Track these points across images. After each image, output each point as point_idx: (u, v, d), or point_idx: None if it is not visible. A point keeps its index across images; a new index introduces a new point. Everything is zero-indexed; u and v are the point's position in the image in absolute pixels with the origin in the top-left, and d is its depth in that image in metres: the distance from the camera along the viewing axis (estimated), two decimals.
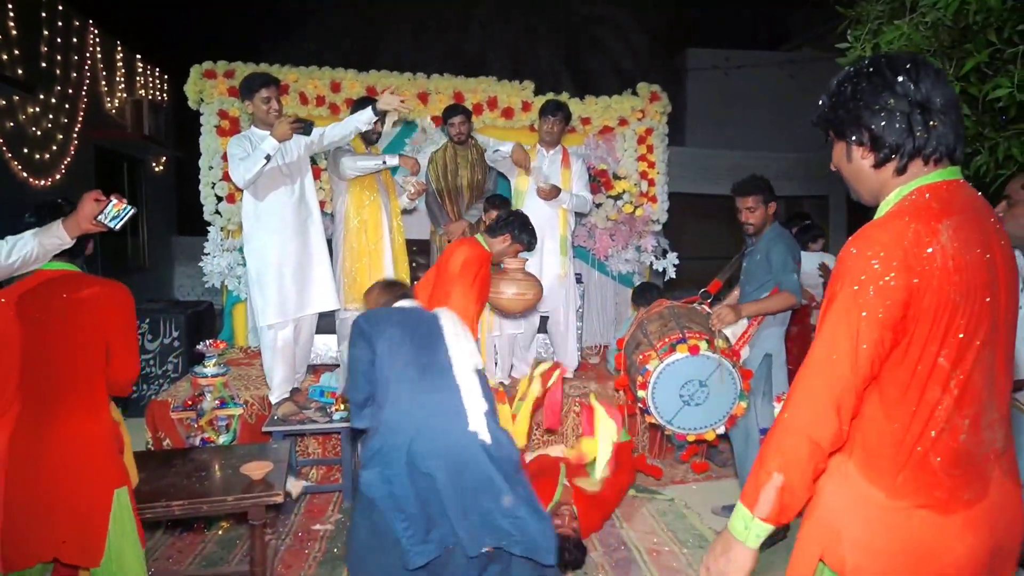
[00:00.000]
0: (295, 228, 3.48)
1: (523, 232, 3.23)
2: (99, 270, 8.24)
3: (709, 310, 3.31)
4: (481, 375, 2.22)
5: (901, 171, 1.19)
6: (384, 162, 3.79)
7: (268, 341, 3.54)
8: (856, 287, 1.10)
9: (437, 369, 2.16)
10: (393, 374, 2.11)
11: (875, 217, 1.22)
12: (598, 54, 11.15)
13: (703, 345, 2.87)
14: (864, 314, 1.09)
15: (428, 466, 1.99)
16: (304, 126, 3.36)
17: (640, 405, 2.99)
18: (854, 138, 1.22)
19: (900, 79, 1.15)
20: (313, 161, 4.77)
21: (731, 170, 11.35)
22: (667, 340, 2.94)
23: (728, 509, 3.39)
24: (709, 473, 3.90)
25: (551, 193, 4.00)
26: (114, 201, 1.95)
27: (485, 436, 2.06)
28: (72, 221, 1.92)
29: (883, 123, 1.17)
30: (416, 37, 10.03)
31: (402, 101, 3.55)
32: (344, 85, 5.10)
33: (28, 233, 1.94)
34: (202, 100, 4.96)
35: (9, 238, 1.93)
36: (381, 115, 3.71)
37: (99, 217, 1.93)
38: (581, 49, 11.02)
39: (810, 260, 4.38)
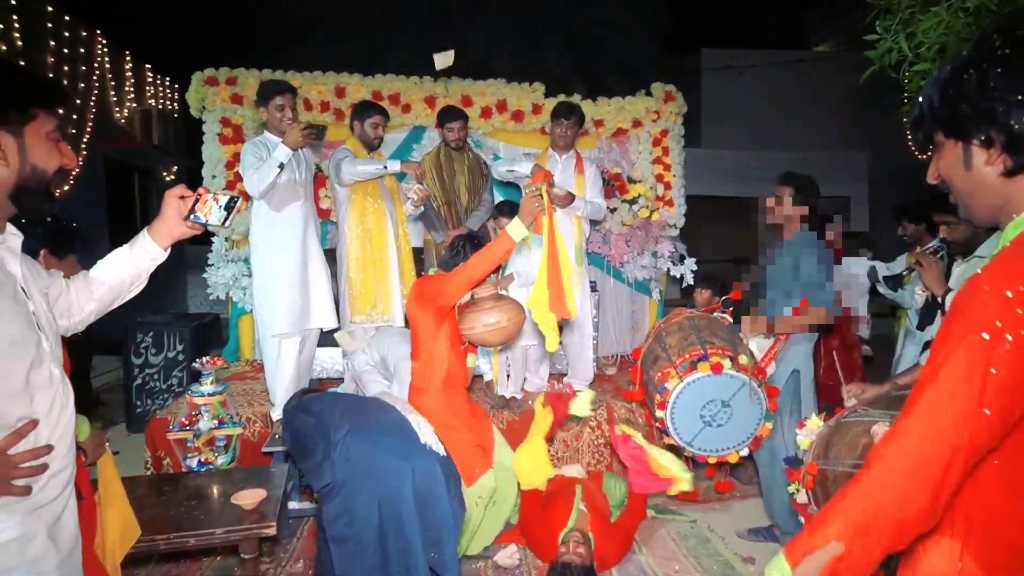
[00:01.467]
0: (303, 241, 3.49)
1: None
2: None
3: (731, 320, 3.11)
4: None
5: None
6: (385, 167, 3.64)
7: (272, 353, 3.50)
8: (987, 335, 0.87)
9: (378, 405, 2.54)
10: (338, 421, 2.32)
11: (1003, 241, 0.97)
12: (609, 56, 10.97)
13: (727, 363, 2.67)
14: (994, 371, 0.86)
15: (391, 490, 2.20)
16: (316, 132, 3.32)
17: (658, 425, 2.80)
18: (981, 139, 0.98)
19: None
20: (318, 168, 4.66)
21: (745, 171, 11.16)
22: (687, 356, 2.74)
23: (755, 533, 3.19)
24: (734, 491, 3.70)
25: (566, 200, 3.81)
26: (203, 194, 1.53)
27: (438, 448, 2.37)
28: (161, 227, 1.54)
29: None
30: (423, 41, 9.90)
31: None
32: (349, 90, 4.96)
33: (113, 254, 1.57)
34: (204, 108, 4.85)
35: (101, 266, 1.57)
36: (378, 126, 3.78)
37: (193, 216, 1.52)
38: (592, 51, 10.85)
39: (859, 265, 4.16)
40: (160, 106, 9.66)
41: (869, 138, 11.54)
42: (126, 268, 1.54)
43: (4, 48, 6.29)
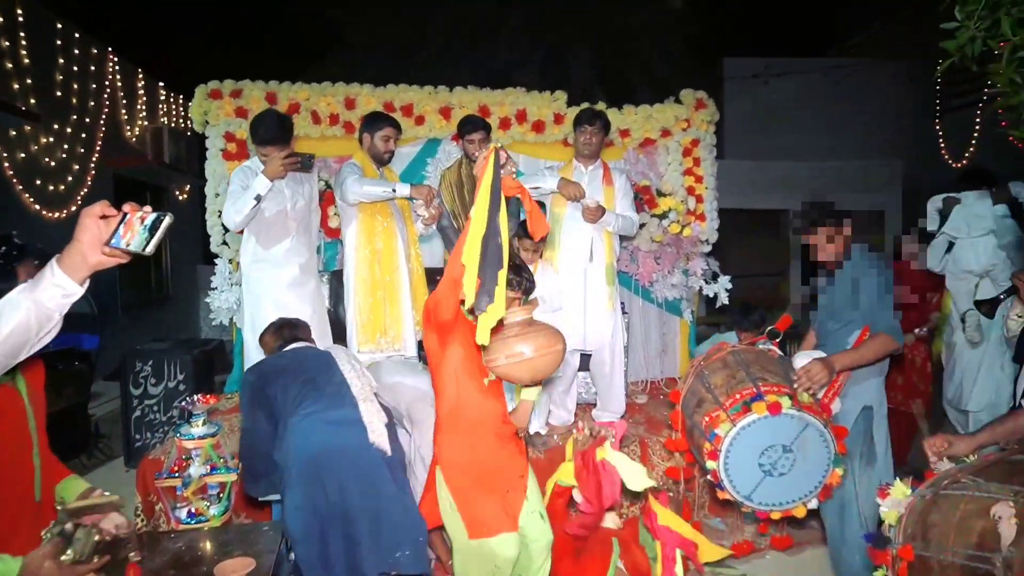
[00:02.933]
0: (294, 276, 3.36)
1: (512, 272, 2.26)
2: (119, 302, 7.99)
3: (780, 352, 2.73)
4: (378, 397, 2.52)
5: None
6: (394, 190, 3.34)
7: None
8: None
9: (333, 391, 2.44)
10: (291, 408, 2.37)
11: None
12: (631, 66, 10.68)
13: (785, 402, 2.29)
14: None
15: (336, 484, 2.25)
16: (302, 161, 3.15)
17: (710, 478, 2.42)
18: None
19: None
20: (327, 185, 4.37)
21: (775, 182, 10.77)
22: (738, 397, 2.37)
23: None
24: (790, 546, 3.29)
25: (597, 213, 3.46)
26: (129, 214, 1.24)
27: (385, 447, 2.34)
28: (75, 256, 1.23)
29: None
30: (442, 52, 9.69)
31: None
32: (359, 101, 4.68)
33: (14, 292, 1.27)
34: (207, 122, 4.60)
35: None
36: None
37: (114, 242, 1.23)
38: (613, 61, 10.56)
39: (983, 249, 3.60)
40: (172, 123, 9.52)
41: (901, 146, 11.11)
42: (30, 311, 1.21)
43: (12, 65, 6.13)
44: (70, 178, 7.01)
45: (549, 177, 3.55)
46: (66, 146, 6.96)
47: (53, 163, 6.73)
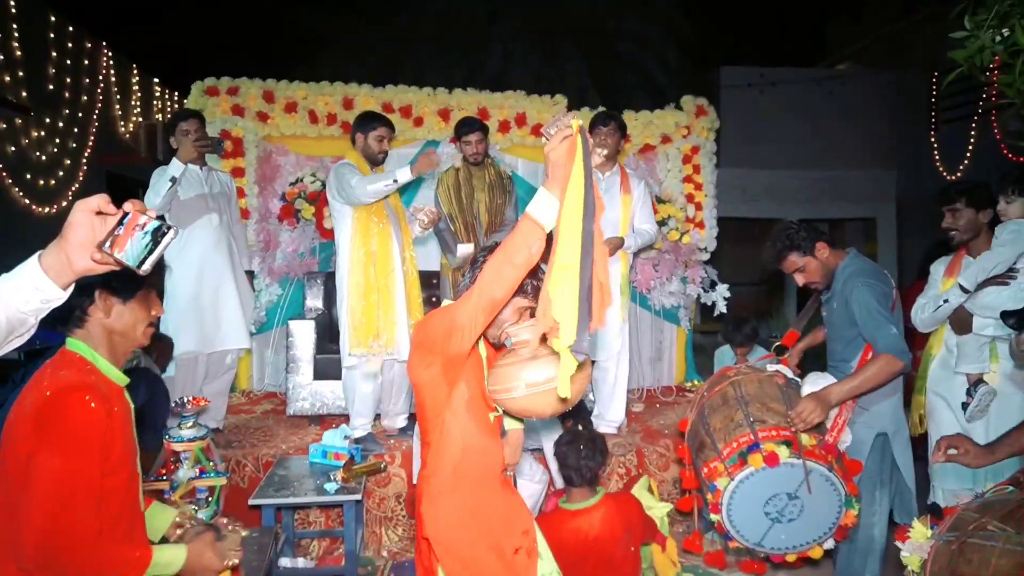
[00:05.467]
0: (214, 259, 3.43)
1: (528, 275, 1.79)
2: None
3: (789, 372, 2.60)
4: None
5: None
6: (395, 180, 3.17)
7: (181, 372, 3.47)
8: None
9: None
10: None
11: None
12: (627, 71, 10.67)
13: (783, 452, 2.16)
14: None
15: None
16: (212, 144, 3.29)
17: (716, 530, 2.32)
18: None
19: None
20: (323, 185, 4.32)
21: (769, 191, 10.79)
22: (735, 446, 2.23)
23: None
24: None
25: (616, 244, 3.40)
26: (130, 214, 1.03)
27: None
28: (60, 255, 1.04)
29: None
30: (439, 55, 9.65)
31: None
32: (357, 101, 4.63)
33: None
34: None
35: None
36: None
37: (108, 246, 1.03)
38: (609, 67, 10.55)
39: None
40: (166, 120, 9.43)
41: (895, 157, 11.15)
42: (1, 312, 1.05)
43: (2, 57, 6.04)
44: (61, 173, 6.92)
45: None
46: (57, 140, 6.87)
47: (44, 157, 6.64)
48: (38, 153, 6.55)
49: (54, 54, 6.85)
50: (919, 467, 2.57)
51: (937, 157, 10.29)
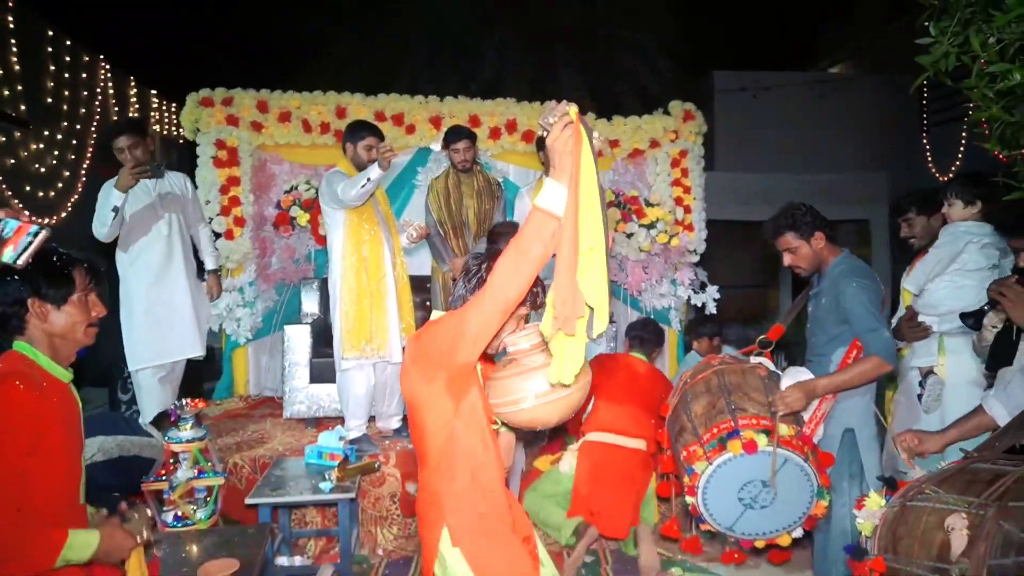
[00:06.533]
0: (167, 271, 3.48)
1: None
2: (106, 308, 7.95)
3: (772, 365, 2.68)
4: None
5: None
6: (369, 179, 3.25)
7: (140, 383, 3.54)
8: None
9: None
10: None
11: None
12: (621, 77, 10.78)
13: (761, 440, 2.24)
14: None
15: None
16: (152, 169, 3.26)
17: (691, 511, 2.40)
18: None
19: None
20: (317, 192, 4.40)
21: (762, 194, 10.84)
22: (715, 432, 2.31)
23: None
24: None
25: None
26: (14, 221, 1.24)
27: None
28: None
29: None
30: (431, 62, 9.75)
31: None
32: (350, 110, 4.73)
33: None
34: (198, 130, 4.63)
35: None
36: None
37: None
38: (603, 73, 10.66)
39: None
40: (162, 130, 9.52)
41: (888, 159, 11.25)
42: None
43: (2, 71, 6.13)
44: (60, 184, 6.99)
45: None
46: (56, 152, 6.94)
47: (43, 169, 6.71)
48: (37, 165, 6.62)
49: (52, 67, 6.92)
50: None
51: (929, 158, 10.39)
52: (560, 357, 1.42)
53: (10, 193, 6.18)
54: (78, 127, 7.34)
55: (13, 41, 6.25)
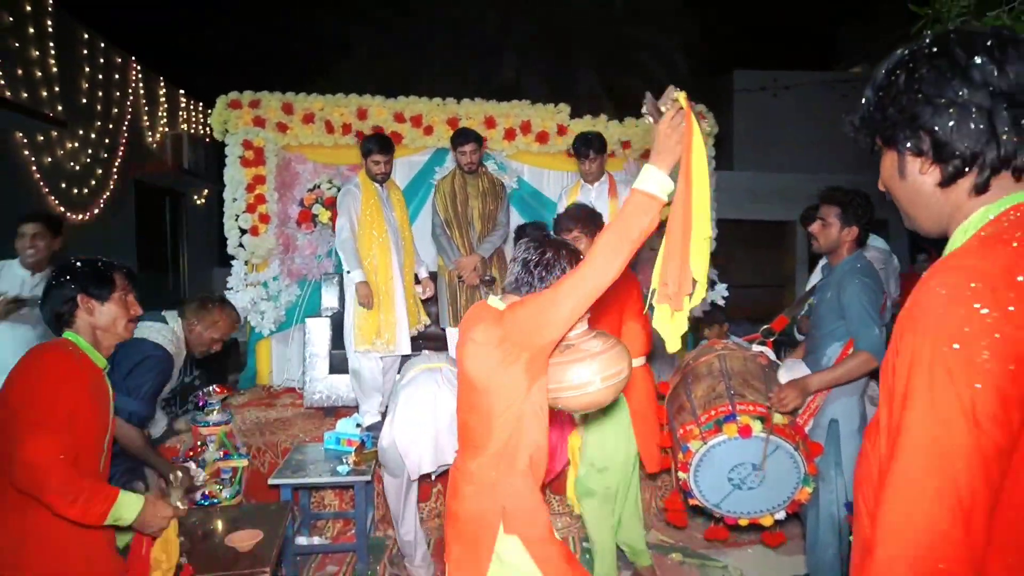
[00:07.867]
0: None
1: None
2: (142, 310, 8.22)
3: (772, 354, 2.79)
4: None
5: (981, 189, 0.87)
6: (348, 271, 3.67)
7: None
8: (958, 345, 0.75)
9: None
10: None
11: (948, 250, 0.88)
12: (639, 77, 10.83)
13: (756, 425, 2.37)
14: (979, 386, 0.74)
15: None
16: (19, 305, 3.10)
17: (681, 486, 2.53)
18: (908, 145, 0.90)
19: (977, 61, 0.83)
20: (337, 190, 4.58)
21: (780, 194, 10.87)
22: (713, 414, 2.45)
23: None
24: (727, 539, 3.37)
25: None
26: None
27: None
28: None
29: (952, 123, 0.85)
30: (452, 63, 9.90)
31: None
32: (371, 112, 4.90)
33: None
34: (227, 131, 4.83)
35: None
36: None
37: None
38: (621, 72, 10.72)
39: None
40: (191, 130, 9.80)
41: None
42: None
43: (40, 73, 6.40)
44: (93, 182, 7.28)
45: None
46: (90, 151, 7.23)
47: (78, 167, 7.00)
48: (72, 163, 6.90)
49: (86, 69, 7.21)
50: None
51: None
52: (669, 329, 1.51)
53: (47, 190, 6.46)
54: (111, 127, 7.63)
55: (51, 44, 6.52)
